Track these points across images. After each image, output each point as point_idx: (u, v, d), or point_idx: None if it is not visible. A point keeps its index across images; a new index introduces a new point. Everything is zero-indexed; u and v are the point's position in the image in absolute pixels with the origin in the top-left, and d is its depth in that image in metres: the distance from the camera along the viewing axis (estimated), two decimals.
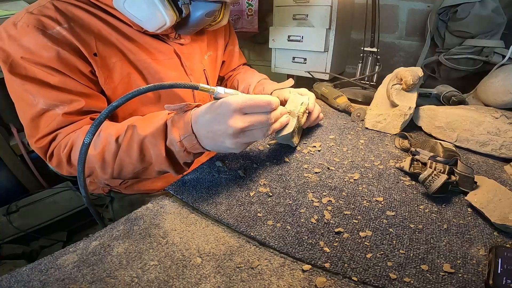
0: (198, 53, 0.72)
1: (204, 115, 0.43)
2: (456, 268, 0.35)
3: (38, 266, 0.36)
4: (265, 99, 0.43)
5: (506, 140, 0.58)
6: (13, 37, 0.48)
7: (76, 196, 1.43)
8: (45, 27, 0.48)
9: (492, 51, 0.91)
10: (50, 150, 0.52)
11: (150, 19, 0.52)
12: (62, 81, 0.50)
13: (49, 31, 0.49)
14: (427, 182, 0.47)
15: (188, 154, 0.47)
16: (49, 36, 0.48)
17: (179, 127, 0.45)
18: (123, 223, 0.44)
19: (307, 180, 0.52)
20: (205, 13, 0.55)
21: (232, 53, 0.89)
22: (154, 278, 0.35)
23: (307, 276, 0.35)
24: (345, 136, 0.68)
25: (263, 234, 0.41)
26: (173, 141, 0.45)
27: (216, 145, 0.44)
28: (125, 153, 0.47)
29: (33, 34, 0.47)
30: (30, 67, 0.48)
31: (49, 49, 0.48)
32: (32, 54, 0.48)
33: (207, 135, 0.43)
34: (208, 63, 0.76)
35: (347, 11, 1.19)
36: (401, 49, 1.24)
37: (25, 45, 0.47)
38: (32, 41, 0.47)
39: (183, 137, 0.44)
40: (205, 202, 0.47)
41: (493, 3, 0.89)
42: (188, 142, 0.45)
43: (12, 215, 1.27)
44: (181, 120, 0.45)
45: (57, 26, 0.49)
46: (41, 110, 0.50)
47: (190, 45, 0.68)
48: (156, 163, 0.47)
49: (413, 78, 0.66)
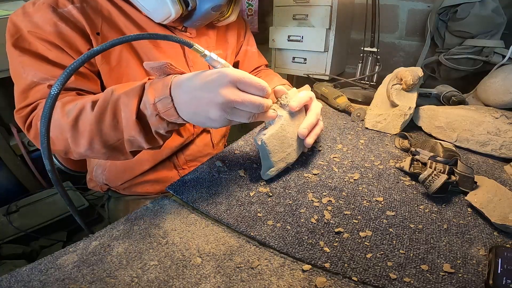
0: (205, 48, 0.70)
1: (191, 80, 0.40)
2: (456, 268, 0.35)
3: (38, 266, 0.36)
4: (262, 82, 0.41)
5: (506, 140, 0.58)
6: (28, 14, 0.51)
7: (76, 196, 1.43)
8: (57, 5, 0.52)
9: (492, 51, 0.91)
10: (29, 120, 0.51)
11: (156, 10, 0.53)
12: (59, 57, 0.51)
13: (60, 9, 0.51)
14: (427, 182, 0.47)
15: (161, 120, 0.42)
16: (58, 14, 0.51)
17: (156, 88, 0.41)
18: (123, 223, 0.44)
19: (307, 180, 0.52)
20: (211, 7, 0.56)
21: (246, 53, 0.87)
22: (154, 278, 0.35)
23: (307, 276, 0.35)
24: (345, 136, 0.68)
25: (263, 234, 0.41)
26: (146, 103, 0.41)
27: (196, 113, 0.41)
28: (98, 117, 0.44)
29: (45, 11, 0.50)
30: (34, 42, 0.50)
31: (54, 25, 0.50)
32: (38, 28, 0.50)
33: (190, 101, 0.40)
34: None
35: (347, 11, 1.19)
36: (401, 49, 1.24)
37: (35, 21, 0.50)
38: (41, 17, 0.50)
39: (158, 99, 0.41)
40: (205, 202, 0.47)
41: (493, 3, 0.89)
42: (163, 106, 0.41)
43: (12, 215, 1.27)
44: (159, 82, 0.42)
45: (69, 5, 0.52)
46: (32, 83, 0.50)
47: (196, 39, 0.68)
48: (126, 128, 0.43)
49: (413, 78, 0.66)
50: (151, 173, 0.71)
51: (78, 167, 0.83)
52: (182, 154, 0.73)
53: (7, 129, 1.37)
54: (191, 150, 0.74)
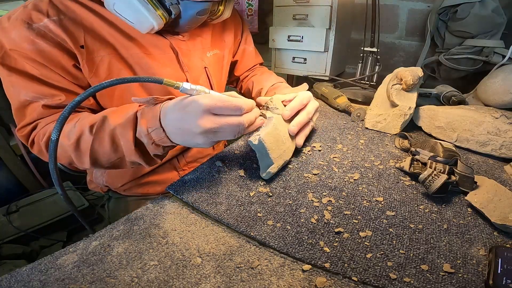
0: (199, 49, 0.69)
1: (172, 112, 0.42)
2: (456, 268, 0.35)
3: (38, 266, 0.36)
4: (235, 102, 0.42)
5: (506, 140, 0.58)
6: (5, 30, 0.49)
7: (76, 196, 1.43)
8: (32, 20, 0.49)
9: (492, 51, 0.91)
10: (31, 138, 0.54)
11: (138, 22, 0.52)
12: (44, 74, 0.51)
13: (35, 25, 0.49)
14: (427, 182, 0.47)
15: (157, 146, 0.46)
16: (33, 29, 0.49)
17: (148, 119, 0.44)
18: (123, 223, 0.44)
19: (307, 180, 0.52)
20: (196, 12, 0.55)
21: (245, 52, 0.87)
22: (154, 278, 0.35)
23: (307, 276, 0.35)
24: (345, 136, 0.68)
25: (263, 234, 0.41)
26: (141, 133, 0.45)
27: (185, 141, 0.44)
28: (98, 143, 0.47)
29: (19, 28, 0.49)
30: (19, 59, 0.50)
31: (30, 42, 0.49)
32: (18, 46, 0.49)
33: (176, 131, 0.43)
34: (212, 62, 0.73)
35: (347, 11, 1.19)
36: (401, 49, 1.24)
37: (12, 37, 0.49)
38: (17, 34, 0.49)
39: (151, 130, 0.44)
40: (205, 202, 0.47)
41: (493, 3, 0.89)
42: (156, 135, 0.44)
43: (12, 215, 1.27)
44: (150, 113, 0.44)
45: (44, 19, 0.50)
46: (25, 101, 0.51)
47: (190, 41, 0.67)
48: (127, 154, 0.47)
49: (413, 78, 0.66)
50: (152, 175, 0.71)
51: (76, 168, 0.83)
52: (183, 157, 0.73)
53: (7, 129, 1.37)
54: (192, 152, 0.75)
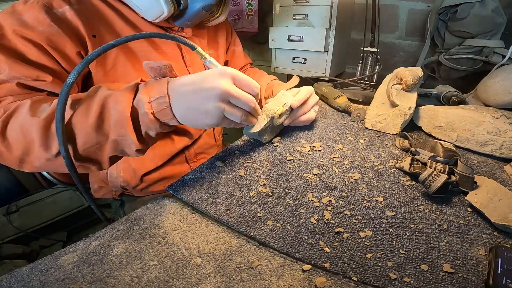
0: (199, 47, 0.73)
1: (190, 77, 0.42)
2: (456, 268, 0.35)
3: (38, 266, 0.36)
4: (255, 82, 0.45)
5: (506, 140, 0.58)
6: (17, 12, 0.48)
7: (76, 196, 1.43)
8: (52, 5, 0.50)
9: (492, 51, 0.91)
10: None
11: (149, 8, 0.54)
12: (38, 56, 0.48)
13: (54, 10, 0.50)
14: (427, 182, 0.47)
15: (154, 120, 0.41)
16: (52, 14, 0.49)
17: (151, 88, 0.41)
18: (123, 223, 0.44)
19: (307, 180, 0.52)
20: (202, 6, 0.57)
21: (234, 53, 0.91)
22: (154, 278, 0.35)
23: (307, 276, 0.35)
24: (345, 136, 0.68)
25: (263, 234, 0.41)
26: (140, 101, 0.41)
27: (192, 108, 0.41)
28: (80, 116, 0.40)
29: (37, 10, 0.48)
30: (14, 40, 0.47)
31: (44, 25, 0.48)
32: (25, 28, 0.47)
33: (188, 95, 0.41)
34: None
35: (347, 11, 1.19)
36: (401, 49, 1.24)
37: (24, 19, 0.48)
38: (32, 16, 0.48)
39: (154, 98, 0.41)
40: (205, 202, 0.47)
41: (493, 3, 0.89)
42: (158, 105, 0.41)
43: (12, 215, 1.27)
44: (155, 83, 0.42)
45: (65, 6, 0.51)
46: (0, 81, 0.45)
47: (191, 38, 0.69)
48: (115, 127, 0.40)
49: (413, 78, 0.66)
50: (165, 169, 0.73)
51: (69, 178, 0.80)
52: (192, 148, 0.76)
53: None
54: (199, 144, 0.78)
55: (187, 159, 0.76)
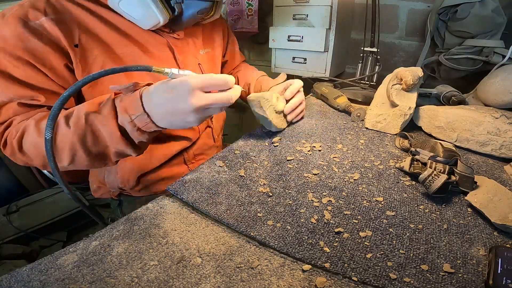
0: (193, 47, 0.72)
1: (159, 95, 0.43)
2: (456, 268, 0.35)
3: (38, 266, 0.36)
4: (222, 77, 0.45)
5: (506, 140, 0.58)
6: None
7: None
8: (28, 18, 0.49)
9: (492, 51, 0.91)
10: (4, 137, 0.51)
11: (144, 18, 0.53)
12: (28, 75, 0.49)
13: (31, 23, 0.49)
14: (427, 182, 0.47)
15: (142, 133, 0.46)
16: (29, 27, 0.48)
17: (128, 106, 0.44)
18: (123, 223, 0.44)
19: (307, 180, 0.52)
20: (197, 11, 0.57)
21: (234, 53, 0.92)
22: (154, 278, 0.35)
23: (307, 276, 0.35)
24: (345, 136, 0.68)
25: (263, 234, 0.41)
26: (124, 120, 0.45)
27: (174, 122, 0.45)
28: (77, 136, 0.46)
29: (14, 25, 0.48)
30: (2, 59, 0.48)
31: (25, 40, 0.48)
32: (6, 44, 0.47)
33: (164, 114, 0.44)
34: (206, 59, 0.77)
35: (347, 11, 1.19)
36: (401, 49, 1.24)
37: (3, 35, 0.48)
38: (10, 31, 0.48)
39: (134, 116, 0.44)
40: (205, 202, 0.47)
41: (493, 3, 0.89)
42: (140, 121, 0.44)
43: (12, 215, 1.27)
44: (129, 99, 0.44)
45: (42, 17, 0.49)
46: (1, 102, 0.50)
47: (184, 39, 0.69)
48: (112, 143, 0.47)
49: (413, 78, 0.66)
50: (163, 171, 0.72)
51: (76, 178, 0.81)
52: (191, 149, 0.76)
53: None
54: (198, 145, 0.78)
55: (186, 160, 0.76)
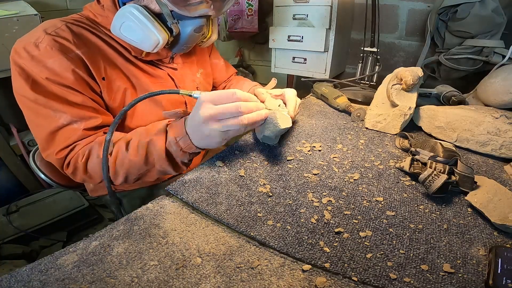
0: (190, 73, 0.76)
1: (191, 119, 0.50)
2: (456, 268, 0.35)
3: (38, 266, 0.36)
4: (229, 90, 0.48)
5: (506, 140, 0.58)
6: (37, 59, 0.51)
7: (76, 196, 1.43)
8: (67, 50, 0.53)
9: (492, 51, 0.91)
10: (67, 160, 0.56)
11: (145, 40, 0.55)
12: (83, 100, 0.55)
13: (71, 54, 0.53)
14: (427, 182, 0.47)
15: (184, 153, 0.53)
16: (71, 59, 0.53)
17: (176, 131, 0.52)
18: (123, 223, 0.44)
19: (307, 180, 0.52)
20: (193, 29, 0.59)
21: (217, 66, 0.91)
22: (154, 278, 0.35)
23: (307, 276, 0.35)
24: (345, 136, 0.68)
25: (263, 234, 0.41)
26: (171, 142, 0.52)
27: (201, 139, 0.50)
28: (132, 158, 0.53)
29: (58, 57, 0.52)
30: (52, 86, 0.52)
31: (72, 71, 0.53)
32: (57, 76, 0.52)
33: (193, 133, 0.50)
34: (202, 80, 0.81)
35: (347, 11, 1.19)
36: (401, 49, 1.24)
37: (50, 67, 0.51)
38: (57, 63, 0.52)
39: (179, 138, 0.51)
40: (205, 202, 0.47)
41: (493, 3, 0.89)
42: (183, 142, 0.51)
43: (12, 215, 1.27)
44: (177, 125, 0.53)
45: (76, 50, 0.54)
46: (61, 125, 0.54)
47: (181, 68, 0.72)
48: (158, 162, 0.54)
49: (413, 78, 0.66)
50: None
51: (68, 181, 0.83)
52: None
53: (7, 129, 1.37)
54: None
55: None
